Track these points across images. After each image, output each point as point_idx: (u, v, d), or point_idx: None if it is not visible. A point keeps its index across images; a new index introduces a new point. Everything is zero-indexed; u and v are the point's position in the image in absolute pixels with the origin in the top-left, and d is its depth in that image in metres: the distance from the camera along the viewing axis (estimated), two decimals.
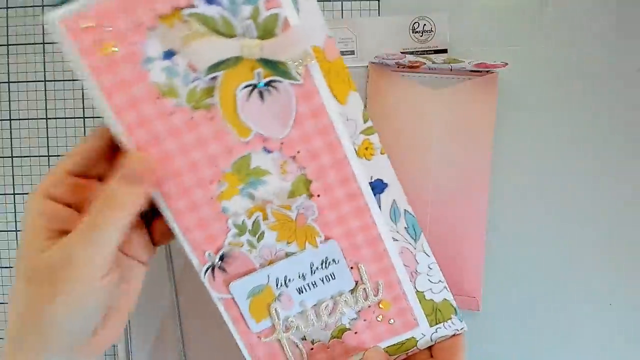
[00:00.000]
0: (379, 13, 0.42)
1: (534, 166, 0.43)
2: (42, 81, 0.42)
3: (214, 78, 0.28)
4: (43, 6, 0.41)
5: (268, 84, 0.28)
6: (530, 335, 0.44)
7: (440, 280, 0.34)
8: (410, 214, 0.33)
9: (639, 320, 0.43)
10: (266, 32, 0.27)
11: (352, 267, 0.32)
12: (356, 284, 0.33)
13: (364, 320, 0.33)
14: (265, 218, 0.31)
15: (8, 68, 0.42)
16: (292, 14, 0.27)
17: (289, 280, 0.32)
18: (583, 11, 0.42)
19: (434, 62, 0.40)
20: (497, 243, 0.43)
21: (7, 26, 0.42)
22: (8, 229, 0.42)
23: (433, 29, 0.42)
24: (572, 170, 0.43)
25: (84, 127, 0.42)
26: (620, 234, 0.43)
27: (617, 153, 0.43)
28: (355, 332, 0.34)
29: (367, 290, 0.33)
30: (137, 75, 0.28)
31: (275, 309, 0.32)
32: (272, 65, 0.28)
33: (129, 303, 0.30)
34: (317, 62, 0.28)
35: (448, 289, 0.34)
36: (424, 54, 0.42)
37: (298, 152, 0.30)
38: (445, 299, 0.34)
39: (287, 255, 0.32)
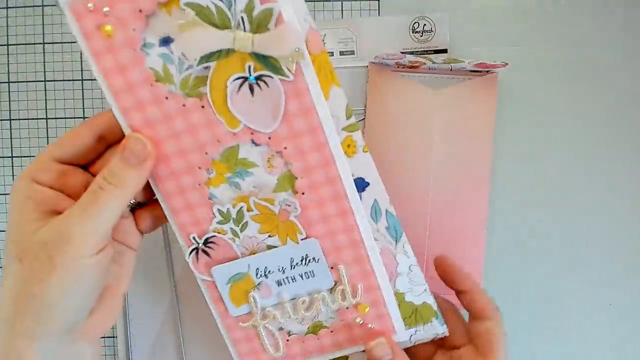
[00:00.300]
0: (379, 13, 0.42)
1: (534, 166, 0.43)
2: (42, 81, 0.42)
3: (206, 68, 0.28)
4: (43, 6, 0.41)
5: (259, 78, 0.28)
6: (531, 335, 0.44)
7: (421, 283, 0.33)
8: (392, 214, 0.32)
9: (639, 320, 0.43)
10: (259, 26, 0.27)
11: (332, 267, 0.32)
12: (335, 284, 0.33)
13: (341, 320, 0.34)
14: (249, 209, 0.31)
15: (8, 68, 0.42)
16: (286, 9, 0.27)
17: (269, 271, 0.33)
18: (583, 11, 0.42)
19: (434, 62, 0.40)
20: (497, 243, 0.43)
21: (7, 26, 0.42)
22: None
23: (433, 29, 0.42)
24: (572, 170, 0.43)
25: None
26: (621, 234, 0.43)
27: (617, 153, 0.43)
28: (332, 331, 0.34)
29: (346, 291, 0.33)
30: (134, 60, 0.28)
31: (254, 297, 0.33)
32: (264, 60, 0.28)
33: (123, 285, 0.31)
34: (309, 59, 0.28)
35: (430, 292, 0.34)
36: (424, 54, 0.42)
37: (285, 148, 0.30)
38: (426, 302, 0.33)
39: (269, 247, 0.32)
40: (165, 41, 0.28)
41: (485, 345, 0.32)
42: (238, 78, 0.28)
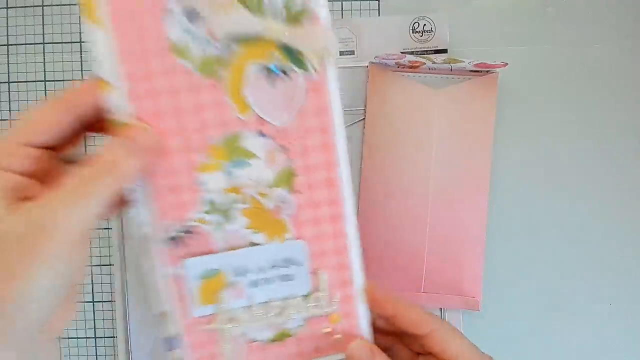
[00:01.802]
0: (379, 13, 0.43)
1: (534, 166, 0.43)
2: (42, 81, 0.42)
3: (230, 49, 0.28)
4: (43, 6, 0.42)
5: (282, 69, 0.28)
6: (530, 335, 0.44)
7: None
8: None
9: (639, 320, 0.44)
10: (294, 20, 0.28)
11: (312, 273, 0.32)
12: (312, 290, 0.32)
13: (310, 329, 0.33)
14: (241, 201, 0.30)
15: (8, 68, 0.42)
16: (323, 9, 0.28)
17: (246, 271, 0.31)
18: (583, 11, 0.42)
19: (434, 62, 0.40)
20: (497, 243, 0.43)
21: (7, 26, 0.42)
22: None
23: (433, 29, 0.42)
24: (573, 170, 0.43)
25: None
26: (621, 234, 0.43)
27: (617, 153, 0.43)
28: (298, 340, 0.33)
29: (322, 299, 0.32)
30: (155, 26, 0.27)
31: (224, 297, 0.31)
32: (291, 53, 0.28)
33: (81, 278, 0.28)
34: (335, 61, 0.29)
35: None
36: (424, 54, 0.42)
37: (291, 144, 0.30)
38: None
39: (252, 244, 0.31)
40: (192, 15, 0.27)
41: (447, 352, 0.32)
42: (260, 65, 0.28)
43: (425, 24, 0.42)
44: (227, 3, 0.27)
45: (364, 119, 0.42)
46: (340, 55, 0.42)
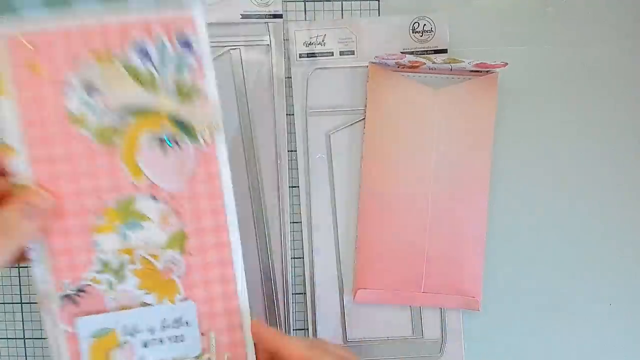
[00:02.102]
0: (379, 13, 0.42)
1: (534, 166, 0.43)
2: None
3: (124, 119, 0.30)
4: None
5: (174, 139, 0.31)
6: (530, 335, 0.43)
7: None
8: None
9: (639, 320, 0.43)
10: (185, 96, 0.30)
11: (202, 334, 0.33)
12: (202, 351, 0.33)
13: None
14: (132, 262, 0.31)
15: None
16: (212, 89, 0.31)
17: (137, 331, 0.32)
18: (583, 11, 0.42)
19: (434, 62, 0.40)
20: (497, 243, 0.43)
21: None
22: None
23: (433, 29, 0.42)
24: (573, 170, 0.43)
25: None
26: (621, 234, 0.43)
27: (617, 153, 0.43)
28: None
29: None
30: (54, 97, 0.29)
31: (115, 357, 0.32)
32: (182, 126, 0.30)
33: None
34: (223, 134, 0.31)
35: None
36: (424, 54, 0.42)
37: (183, 208, 0.31)
38: None
39: (143, 304, 0.32)
40: (90, 87, 0.30)
41: None
42: (153, 135, 0.30)
43: (425, 24, 0.42)
44: (121, 78, 0.29)
45: (364, 118, 0.42)
46: (340, 55, 0.42)
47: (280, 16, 0.41)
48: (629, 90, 0.43)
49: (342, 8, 0.42)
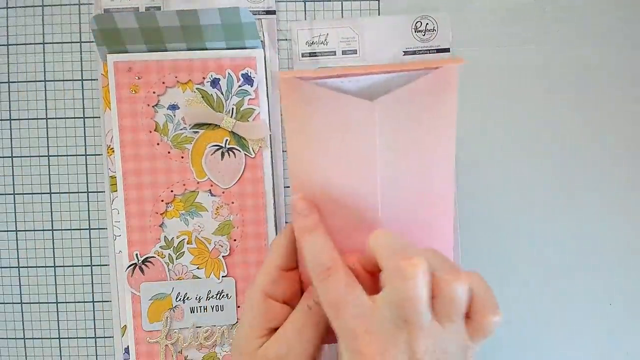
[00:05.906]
0: (379, 13, 0.42)
1: (534, 166, 0.43)
2: (42, 81, 0.42)
3: (195, 132, 0.40)
4: (43, 6, 0.41)
5: (230, 149, 0.40)
6: (530, 335, 0.43)
7: None
8: None
9: (639, 320, 0.43)
10: (242, 116, 0.40)
11: (239, 306, 0.41)
12: (238, 321, 0.41)
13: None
14: (189, 242, 0.40)
15: (8, 68, 0.41)
16: (264, 111, 0.40)
17: (187, 298, 0.40)
18: (583, 11, 0.43)
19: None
20: (496, 243, 0.43)
21: (7, 26, 0.41)
22: (8, 229, 0.42)
23: (436, 28, 0.42)
24: (573, 170, 0.43)
25: (84, 127, 0.42)
26: (621, 234, 0.43)
27: (617, 153, 0.43)
28: None
29: None
30: (146, 112, 0.39)
31: (167, 317, 0.40)
32: (238, 139, 0.40)
33: None
34: (268, 147, 0.40)
35: None
36: (426, 53, 0.42)
37: (233, 202, 0.40)
38: None
39: (194, 277, 0.40)
40: (173, 107, 0.40)
41: None
42: (215, 145, 0.40)
43: (427, 23, 0.42)
44: (197, 101, 0.39)
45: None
46: (342, 54, 0.42)
47: (273, 12, 0.41)
48: (629, 90, 0.43)
49: (342, 8, 0.42)
